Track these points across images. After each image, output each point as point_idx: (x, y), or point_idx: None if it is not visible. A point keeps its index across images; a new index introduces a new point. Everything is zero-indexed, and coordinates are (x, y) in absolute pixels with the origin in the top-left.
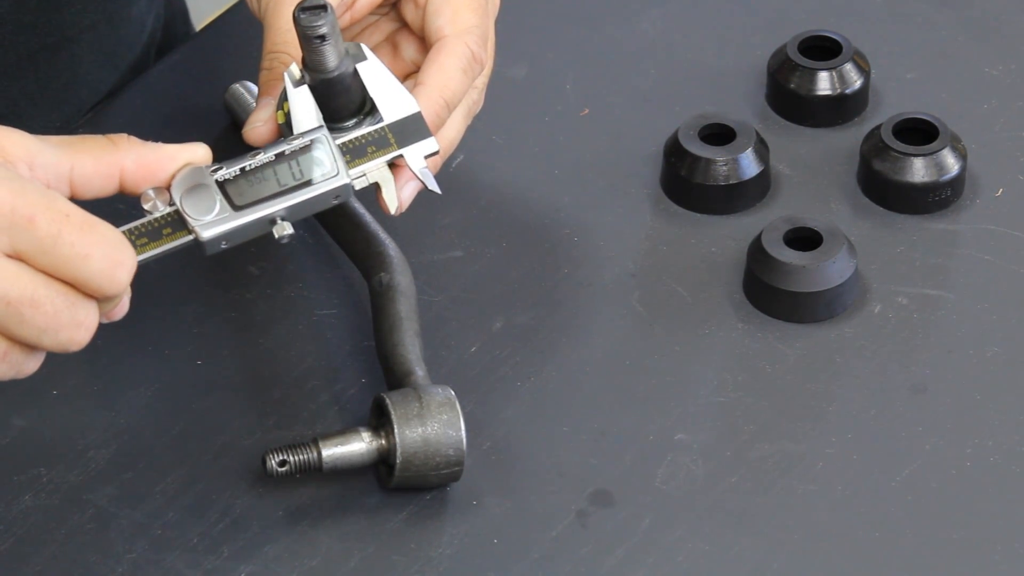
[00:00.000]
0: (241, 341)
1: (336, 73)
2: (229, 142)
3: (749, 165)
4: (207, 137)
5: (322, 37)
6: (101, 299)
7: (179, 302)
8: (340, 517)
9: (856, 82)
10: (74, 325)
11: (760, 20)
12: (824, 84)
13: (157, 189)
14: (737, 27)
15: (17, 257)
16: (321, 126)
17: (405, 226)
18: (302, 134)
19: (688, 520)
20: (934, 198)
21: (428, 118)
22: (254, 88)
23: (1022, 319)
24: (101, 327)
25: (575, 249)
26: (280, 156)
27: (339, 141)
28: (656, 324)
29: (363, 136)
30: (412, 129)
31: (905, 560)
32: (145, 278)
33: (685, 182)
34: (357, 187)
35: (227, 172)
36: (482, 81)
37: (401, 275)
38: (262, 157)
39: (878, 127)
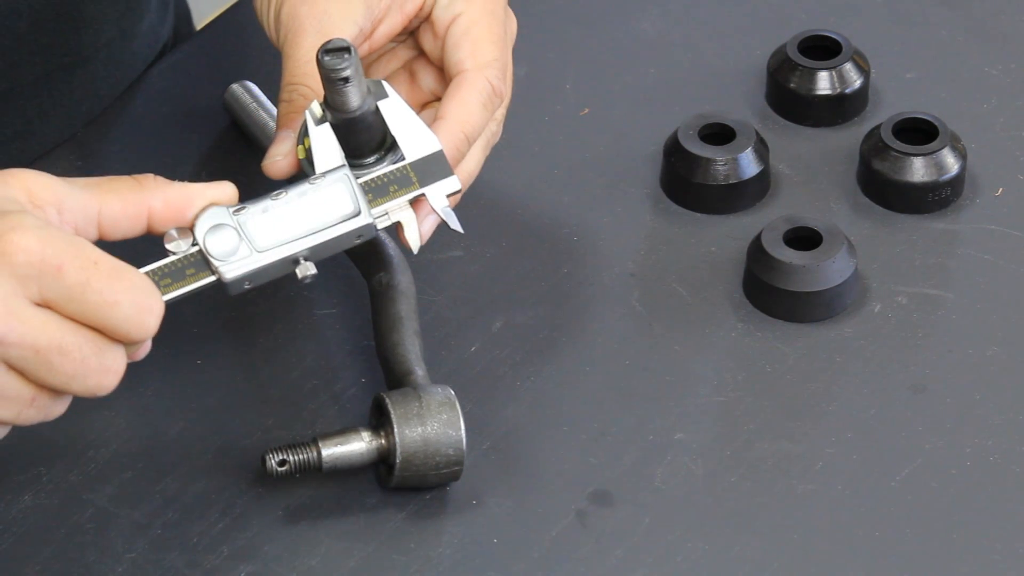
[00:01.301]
0: (241, 341)
1: (359, 113)
2: (229, 142)
3: (749, 165)
4: (207, 137)
5: (345, 79)
6: (128, 344)
7: (179, 302)
8: (340, 517)
9: (856, 82)
10: (102, 371)
11: (760, 20)
12: (824, 84)
13: (180, 229)
14: (737, 27)
15: (45, 305)
16: (343, 165)
17: None
18: (324, 173)
19: (688, 520)
20: (934, 198)
21: (448, 152)
22: (254, 88)
23: (1022, 319)
24: None
25: (575, 249)
26: (303, 195)
27: (361, 180)
28: (656, 324)
29: (385, 175)
30: (434, 168)
31: (905, 560)
32: None
33: (685, 182)
34: (379, 226)
35: (250, 212)
36: (501, 113)
37: (401, 275)
38: (284, 197)
39: (878, 127)
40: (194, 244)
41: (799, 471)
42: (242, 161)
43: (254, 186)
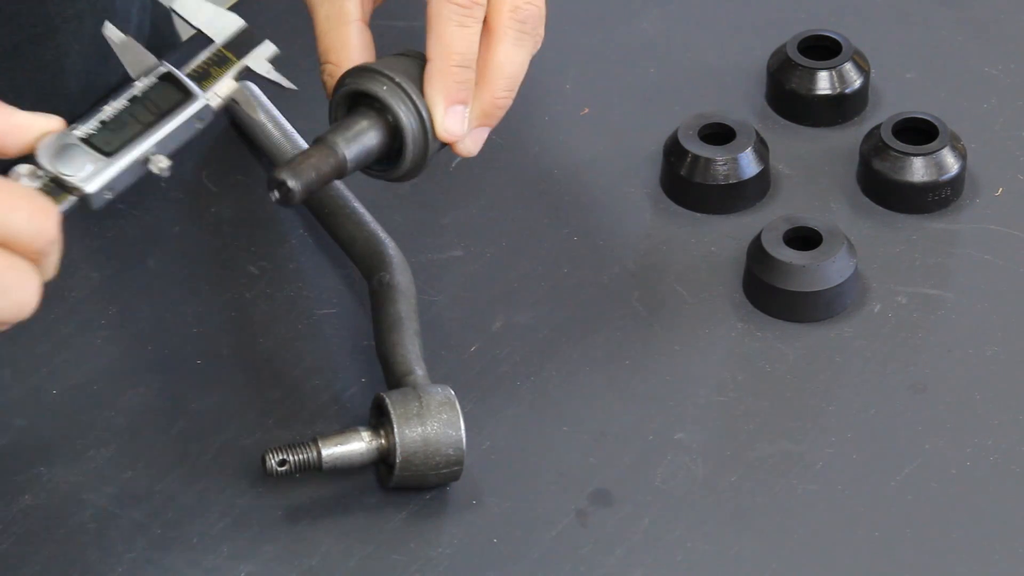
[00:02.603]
0: (241, 341)
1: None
2: (229, 142)
3: (749, 165)
4: (207, 137)
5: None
6: (34, 256)
7: (179, 302)
8: (340, 517)
9: (856, 82)
10: (21, 284)
11: (760, 20)
12: (824, 84)
13: (24, 166)
14: (737, 27)
15: None
16: (162, 63)
17: (405, 226)
18: (146, 72)
19: (688, 520)
20: (934, 198)
21: (451, 86)
22: (254, 88)
23: (1022, 319)
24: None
25: (575, 249)
26: (134, 100)
27: (183, 70)
28: (656, 324)
29: (203, 62)
30: (246, 42)
31: (905, 560)
32: (143, 277)
33: (685, 182)
34: (212, 105)
35: (88, 128)
36: (528, 11)
37: (401, 275)
38: (116, 104)
39: (878, 127)
40: (40, 175)
41: (799, 471)
42: (242, 161)
43: (255, 187)
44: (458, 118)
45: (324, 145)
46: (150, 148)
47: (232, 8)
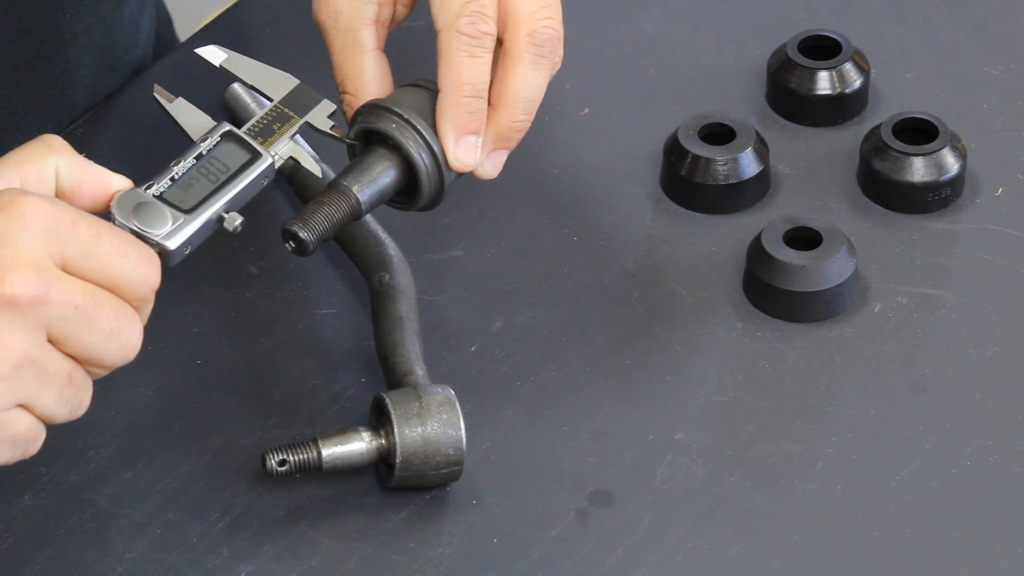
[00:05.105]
0: (241, 341)
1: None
2: None
3: (749, 165)
4: None
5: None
6: (137, 303)
7: (179, 302)
8: (340, 517)
9: (856, 82)
10: (131, 327)
11: (760, 20)
12: (824, 84)
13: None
14: (737, 27)
15: (64, 267)
16: (223, 123)
17: (405, 226)
18: (209, 132)
19: (688, 520)
20: (934, 198)
21: (461, 117)
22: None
23: (1022, 319)
24: None
25: (575, 249)
26: (199, 158)
27: (243, 128)
28: (656, 324)
29: (263, 118)
30: (303, 99)
31: (905, 560)
32: None
33: (685, 182)
34: (277, 165)
35: (160, 186)
36: (546, 34)
37: (401, 274)
38: (184, 164)
39: (878, 127)
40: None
41: (799, 471)
42: None
43: None
44: (470, 148)
45: (337, 191)
46: (224, 205)
47: (232, 8)
